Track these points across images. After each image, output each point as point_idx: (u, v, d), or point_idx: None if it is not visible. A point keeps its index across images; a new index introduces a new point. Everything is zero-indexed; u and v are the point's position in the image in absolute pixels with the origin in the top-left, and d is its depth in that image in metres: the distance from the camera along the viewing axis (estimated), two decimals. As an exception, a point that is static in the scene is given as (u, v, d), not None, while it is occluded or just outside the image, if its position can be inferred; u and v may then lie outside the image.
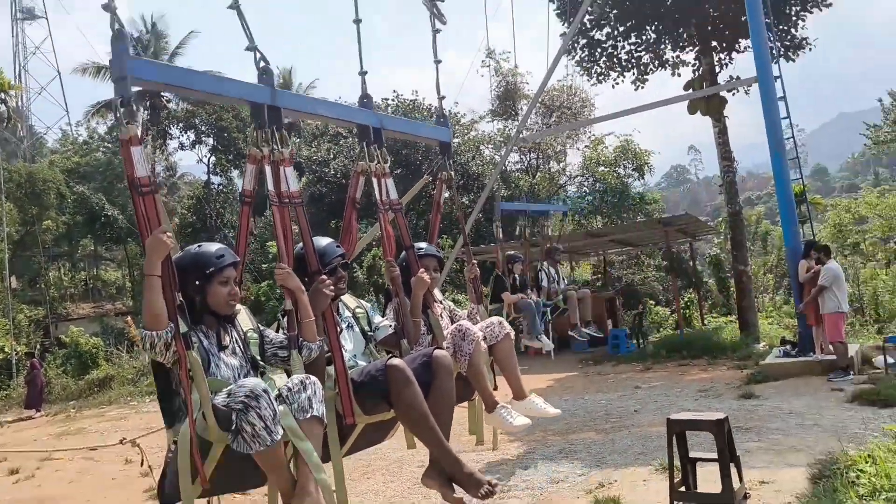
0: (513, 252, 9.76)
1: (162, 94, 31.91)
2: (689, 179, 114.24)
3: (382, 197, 3.79)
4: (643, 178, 27.36)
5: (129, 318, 20.06)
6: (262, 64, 3.25)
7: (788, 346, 11.23)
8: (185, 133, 33.35)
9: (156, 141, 33.00)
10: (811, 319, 10.45)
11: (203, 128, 32.61)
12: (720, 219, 26.94)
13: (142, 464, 5.74)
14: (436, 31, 4.50)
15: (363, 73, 3.96)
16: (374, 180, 3.78)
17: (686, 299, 23.09)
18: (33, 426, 14.73)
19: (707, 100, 16.49)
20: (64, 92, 58.47)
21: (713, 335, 16.38)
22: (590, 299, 10.09)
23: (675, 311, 20.93)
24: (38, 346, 23.18)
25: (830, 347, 9.89)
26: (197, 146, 33.42)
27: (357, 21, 4.02)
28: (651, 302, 25.27)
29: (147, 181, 2.64)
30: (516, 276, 8.87)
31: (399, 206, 3.90)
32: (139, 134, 2.67)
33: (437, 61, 4.52)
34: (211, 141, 32.79)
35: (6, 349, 21.31)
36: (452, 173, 4.46)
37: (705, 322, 21.18)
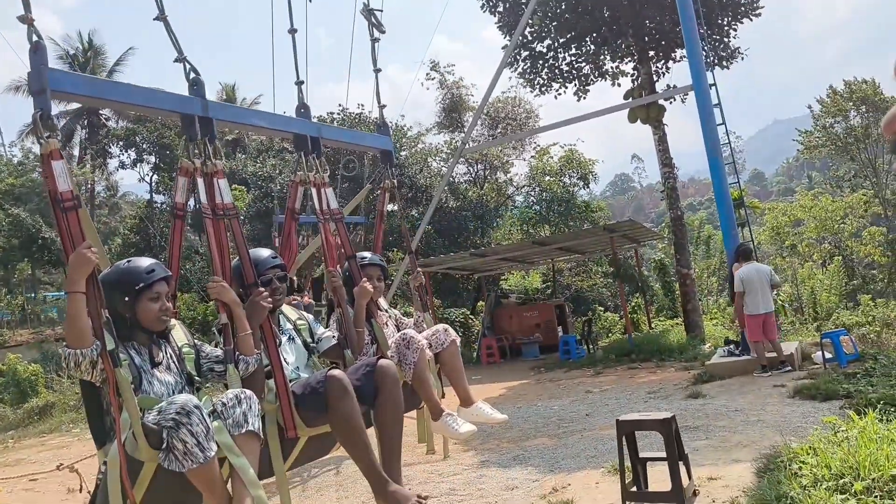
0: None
1: (100, 111, 31.13)
2: (633, 187, 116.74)
3: (323, 207, 3.75)
4: (588, 187, 27.83)
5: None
6: (192, 75, 3.19)
7: (732, 346, 11.49)
8: (126, 151, 32.58)
9: (95, 160, 32.12)
10: (741, 322, 10.79)
11: (144, 146, 31.91)
12: (663, 224, 27.54)
13: (80, 489, 5.52)
14: (374, 40, 4.50)
15: (300, 83, 3.93)
16: (314, 190, 3.74)
17: (633, 304, 23.51)
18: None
19: (646, 108, 16.89)
20: (-4, 112, 56.52)
21: (660, 338, 16.67)
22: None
23: (623, 316, 21.27)
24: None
25: (769, 346, 10.18)
26: (138, 164, 32.68)
27: (292, 31, 4.00)
28: (600, 308, 25.66)
29: (69, 195, 2.56)
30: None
31: (340, 216, 3.87)
32: (59, 147, 2.58)
33: (377, 70, 4.53)
34: (153, 159, 32.09)
35: (-64, 380, 20.33)
36: (395, 182, 4.44)
37: (652, 326, 21.58)
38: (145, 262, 2.98)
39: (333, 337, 3.77)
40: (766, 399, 8.33)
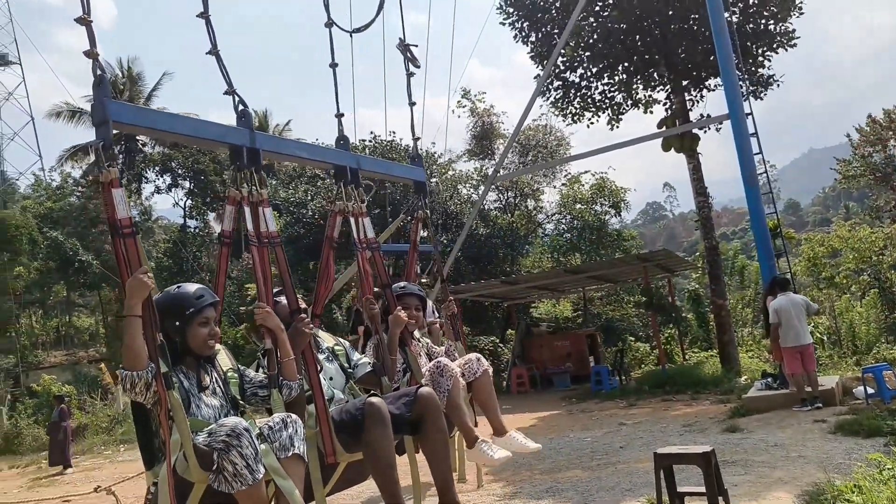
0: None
1: (137, 137, 31.88)
2: (666, 216, 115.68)
3: (360, 235, 3.81)
4: (620, 215, 27.67)
5: (102, 364, 19.66)
6: (240, 107, 3.29)
7: (770, 379, 11.27)
8: (161, 177, 33.28)
9: (131, 185, 32.84)
10: (777, 355, 10.60)
11: (179, 171, 32.56)
12: (697, 254, 27.22)
13: (117, 513, 5.58)
14: (410, 75, 4.59)
15: (339, 116, 4.02)
16: (352, 219, 3.81)
17: (666, 335, 23.17)
18: (2, 479, 14.27)
19: (681, 137, 16.83)
20: (37, 136, 58.21)
21: (695, 370, 16.41)
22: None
23: (655, 346, 20.98)
24: (9, 396, 22.60)
25: (807, 379, 9.97)
26: (173, 190, 33.34)
27: (333, 65, 4.09)
28: (632, 338, 25.33)
29: (128, 222, 2.66)
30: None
31: (376, 245, 3.92)
32: (119, 176, 2.68)
33: (412, 104, 4.61)
34: (187, 184, 32.71)
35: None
36: (428, 212, 4.50)
37: (686, 357, 21.23)
38: (193, 287, 3.06)
39: (369, 363, 3.81)
40: (806, 434, 8.15)
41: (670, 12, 16.31)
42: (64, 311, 35.97)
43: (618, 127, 19.36)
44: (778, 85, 17.69)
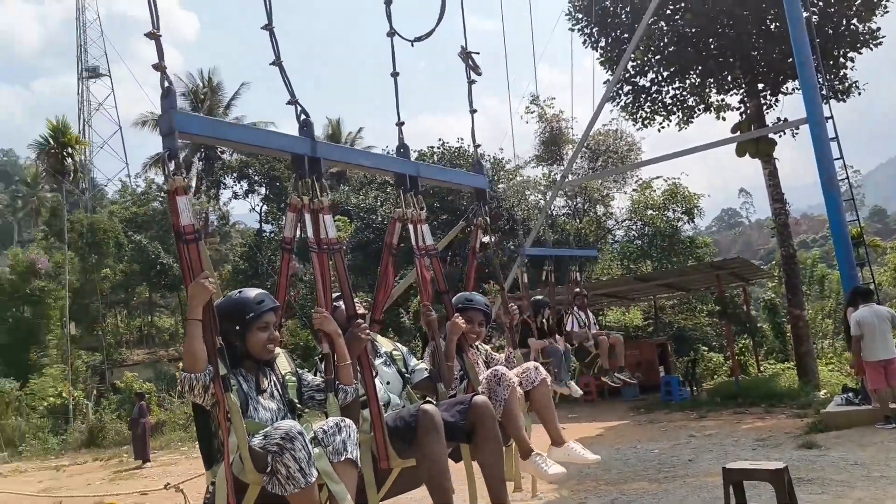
0: (539, 297, 9.37)
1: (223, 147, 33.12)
2: (741, 223, 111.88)
3: (419, 242, 3.84)
4: (693, 222, 26.95)
5: (180, 363, 20.43)
6: (302, 117, 3.37)
7: (851, 394, 10.77)
8: (239, 183, 34.43)
9: (209, 191, 34.08)
10: (859, 369, 10.10)
11: (256, 178, 33.62)
12: (774, 262, 26.28)
13: (186, 509, 5.79)
14: (471, 82, 4.60)
15: (400, 124, 4.07)
16: (411, 226, 3.84)
17: (740, 345, 22.42)
18: (87, 471, 15.00)
19: (756, 142, 16.32)
20: (124, 145, 61.27)
21: (770, 382, 15.86)
22: (622, 344, 9.62)
23: (729, 357, 20.34)
24: (95, 392, 23.76)
25: (891, 395, 9.47)
26: (250, 195, 34.43)
27: (395, 74, 4.14)
28: (704, 348, 24.62)
29: (191, 229, 2.74)
30: (544, 321, 8.46)
31: (435, 251, 3.95)
32: (184, 184, 2.78)
33: (473, 111, 4.61)
34: (263, 190, 33.72)
35: (63, 394, 21.90)
36: (488, 219, 4.49)
37: (761, 369, 20.50)
38: (254, 292, 3.14)
39: (426, 370, 3.84)
40: (889, 453, 7.75)
41: (745, 13, 15.82)
42: (146, 311, 37.62)
43: (686, 129, 18.91)
44: (860, 93, 16.88)
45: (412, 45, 4.30)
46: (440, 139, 28.41)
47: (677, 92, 18.35)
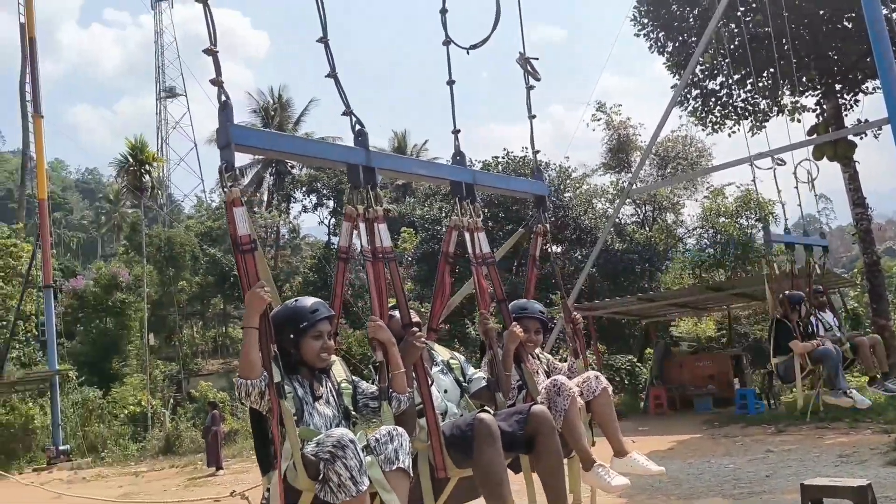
0: (794, 292, 7.72)
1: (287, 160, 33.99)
2: (820, 229, 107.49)
3: (476, 251, 3.83)
4: (768, 229, 25.99)
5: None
6: (357, 127, 3.41)
7: (942, 409, 10.15)
8: (308, 196, 35.22)
9: (280, 205, 34.94)
10: None
11: (324, 191, 34.31)
12: (856, 270, 25.09)
13: (250, 516, 5.91)
14: (529, 88, 4.58)
15: (456, 132, 4.08)
16: (467, 235, 3.83)
17: (821, 357, 21.41)
18: (163, 477, 15.52)
19: (834, 144, 15.65)
20: (199, 161, 63.78)
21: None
22: (881, 344, 8.24)
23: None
24: (171, 400, 24.60)
25: None
26: (318, 208, 35.17)
27: (450, 83, 4.16)
28: (782, 360, 23.63)
29: (248, 239, 2.80)
30: (800, 320, 7.28)
31: (492, 260, 3.92)
32: (241, 196, 2.85)
33: (532, 117, 4.61)
34: (331, 203, 34.38)
35: (143, 403, 22.76)
36: (548, 226, 4.44)
37: (845, 382, 19.52)
38: (310, 301, 3.19)
39: (484, 378, 3.80)
40: None
41: (821, 11, 15.22)
42: (220, 322, 38.78)
43: (759, 133, 18.27)
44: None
45: (468, 52, 4.30)
46: (504, 148, 28.34)
47: (748, 95, 17.78)
